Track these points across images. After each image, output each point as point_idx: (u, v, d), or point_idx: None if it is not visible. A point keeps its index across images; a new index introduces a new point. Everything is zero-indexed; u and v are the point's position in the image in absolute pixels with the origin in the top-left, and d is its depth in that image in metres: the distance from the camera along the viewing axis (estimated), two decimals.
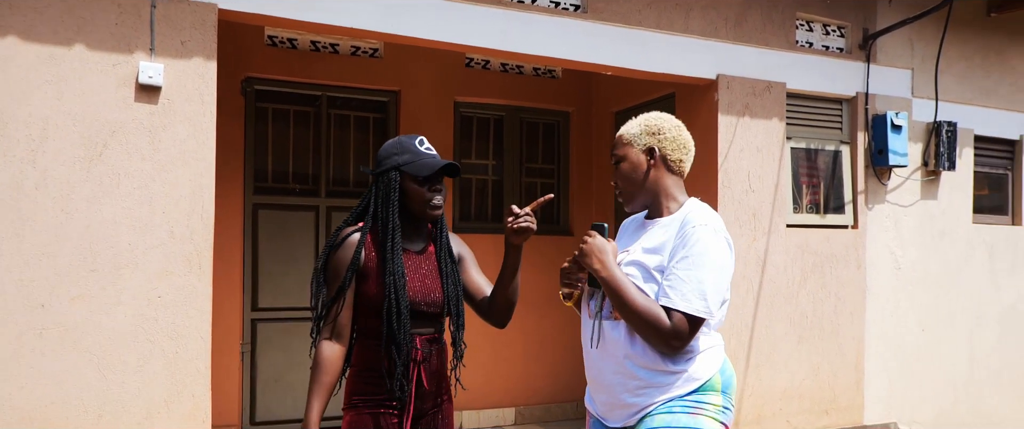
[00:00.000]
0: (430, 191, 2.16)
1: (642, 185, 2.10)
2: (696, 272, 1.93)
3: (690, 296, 1.92)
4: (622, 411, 2.03)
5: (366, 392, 2.13)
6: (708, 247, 1.95)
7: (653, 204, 2.13)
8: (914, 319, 5.35)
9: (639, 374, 1.98)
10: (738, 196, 4.73)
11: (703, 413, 1.98)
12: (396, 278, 2.09)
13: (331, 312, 2.11)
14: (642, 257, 2.03)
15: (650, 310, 1.93)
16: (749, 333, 4.77)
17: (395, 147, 2.19)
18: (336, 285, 2.11)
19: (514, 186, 5.91)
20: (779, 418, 4.87)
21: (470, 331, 5.98)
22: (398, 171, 2.15)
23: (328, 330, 2.12)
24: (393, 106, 5.50)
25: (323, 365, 2.08)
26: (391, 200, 2.14)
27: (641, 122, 2.14)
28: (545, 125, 6.06)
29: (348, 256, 2.11)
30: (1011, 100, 5.74)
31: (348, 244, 2.13)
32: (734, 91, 4.73)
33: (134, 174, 3.30)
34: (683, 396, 1.97)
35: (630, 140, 2.12)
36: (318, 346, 2.11)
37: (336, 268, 2.13)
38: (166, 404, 3.38)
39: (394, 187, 2.14)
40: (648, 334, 1.94)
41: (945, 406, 5.49)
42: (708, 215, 2.04)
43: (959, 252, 5.52)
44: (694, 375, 1.98)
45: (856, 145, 5.14)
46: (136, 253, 3.32)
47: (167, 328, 3.38)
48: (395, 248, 2.12)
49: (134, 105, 3.28)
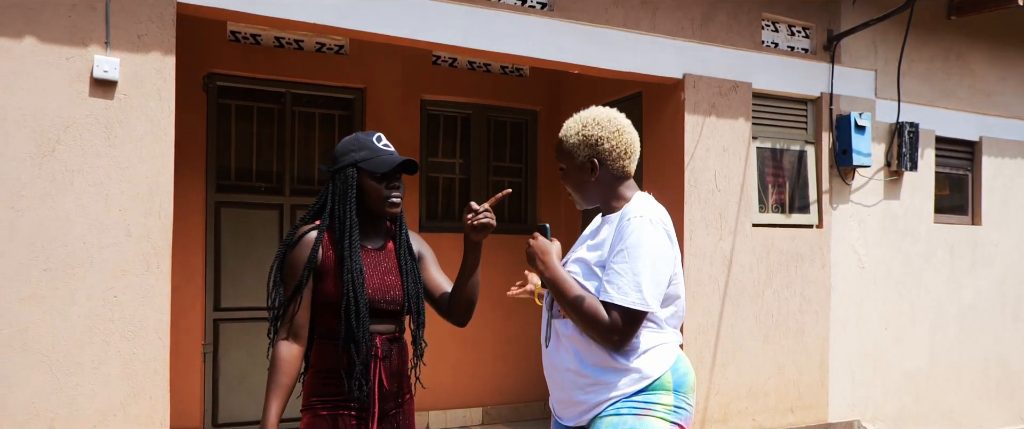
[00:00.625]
0: (388, 188, 2.13)
1: (587, 192, 2.12)
2: (631, 264, 1.91)
3: (626, 289, 1.90)
4: (574, 408, 2.03)
5: (324, 393, 2.09)
6: (642, 238, 1.93)
7: (603, 204, 2.13)
8: (877, 317, 5.42)
9: (587, 371, 1.98)
10: (704, 195, 4.75)
11: (651, 414, 1.94)
12: (354, 276, 2.06)
13: (288, 312, 2.07)
14: (585, 254, 2.05)
15: (591, 307, 1.93)
16: (715, 332, 4.79)
17: (352, 144, 2.16)
18: (293, 284, 2.08)
19: (481, 185, 5.88)
20: (745, 417, 4.90)
21: (436, 330, 5.94)
22: (355, 168, 2.12)
23: (285, 330, 2.08)
24: (359, 104, 5.44)
25: (280, 365, 2.04)
26: (348, 197, 2.10)
27: (578, 131, 2.08)
28: (513, 124, 6.04)
29: (305, 255, 2.08)
30: (970, 102, 5.84)
31: (305, 242, 2.09)
32: (700, 91, 4.75)
33: (89, 171, 3.21)
34: (630, 396, 1.95)
35: (569, 151, 2.09)
36: (275, 347, 2.07)
37: (293, 267, 2.09)
38: (123, 406, 3.30)
39: (351, 184, 2.11)
40: (590, 330, 1.94)
41: (907, 402, 5.57)
42: (646, 207, 2.01)
43: (921, 251, 5.61)
44: (644, 373, 1.96)
45: (821, 145, 5.19)
46: (91, 252, 3.23)
47: (123, 329, 3.29)
48: (353, 246, 2.08)
49: (89, 100, 3.20)
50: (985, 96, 5.91)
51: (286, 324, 2.07)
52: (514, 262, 5.79)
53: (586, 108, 2.15)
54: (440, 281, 2.32)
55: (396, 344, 2.17)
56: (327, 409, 2.07)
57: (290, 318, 2.07)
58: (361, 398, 2.07)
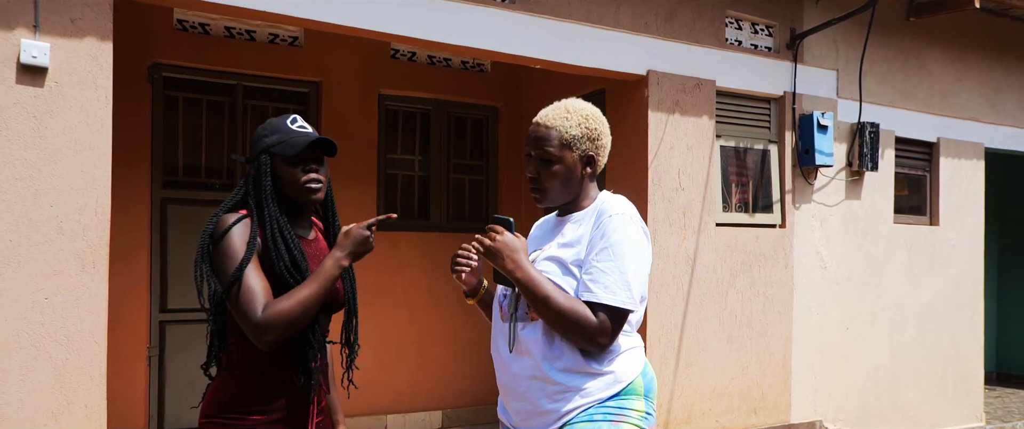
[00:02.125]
0: (304, 172, 1.93)
1: (569, 190, 1.96)
2: (617, 263, 1.81)
3: (614, 288, 1.80)
4: (540, 419, 1.88)
5: (248, 404, 1.85)
6: (626, 236, 1.83)
7: (572, 202, 2.00)
8: (839, 317, 5.41)
9: (558, 378, 1.85)
10: (668, 194, 4.68)
11: (625, 420, 1.85)
12: (293, 262, 1.85)
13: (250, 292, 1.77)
14: (558, 252, 1.90)
15: (573, 308, 1.80)
16: (679, 333, 4.72)
17: (264, 129, 1.97)
18: (234, 266, 1.79)
19: (441, 182, 5.74)
20: (709, 418, 4.84)
21: (394, 331, 5.79)
22: (268, 154, 1.92)
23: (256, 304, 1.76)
24: (314, 97, 5.26)
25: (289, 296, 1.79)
26: (263, 186, 1.90)
27: (581, 122, 1.93)
28: (473, 120, 5.91)
29: (244, 236, 1.83)
30: (928, 103, 5.88)
31: (239, 228, 1.85)
32: (664, 88, 4.67)
33: (15, 163, 2.99)
34: (604, 401, 1.84)
35: (569, 142, 1.92)
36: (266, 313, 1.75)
37: (232, 248, 1.82)
38: (54, 416, 3.09)
39: (265, 172, 1.91)
40: (572, 333, 1.81)
41: (867, 402, 5.58)
42: (624, 204, 1.92)
43: (881, 251, 5.62)
44: (618, 377, 1.86)
45: (784, 144, 5.16)
46: (19, 251, 3.01)
47: (55, 333, 3.08)
48: (283, 235, 1.87)
49: (15, 87, 2.98)
50: (942, 98, 5.95)
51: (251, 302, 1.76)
52: None
53: (564, 99, 2.01)
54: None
55: (328, 344, 2.03)
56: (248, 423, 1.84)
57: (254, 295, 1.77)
58: (305, 406, 1.90)
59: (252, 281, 1.78)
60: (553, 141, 1.91)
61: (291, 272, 1.85)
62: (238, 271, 1.78)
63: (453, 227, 5.73)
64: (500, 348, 1.96)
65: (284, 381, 1.88)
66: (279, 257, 1.84)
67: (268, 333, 1.76)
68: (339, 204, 5.84)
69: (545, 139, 1.92)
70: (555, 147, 1.91)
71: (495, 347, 1.99)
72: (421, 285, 5.54)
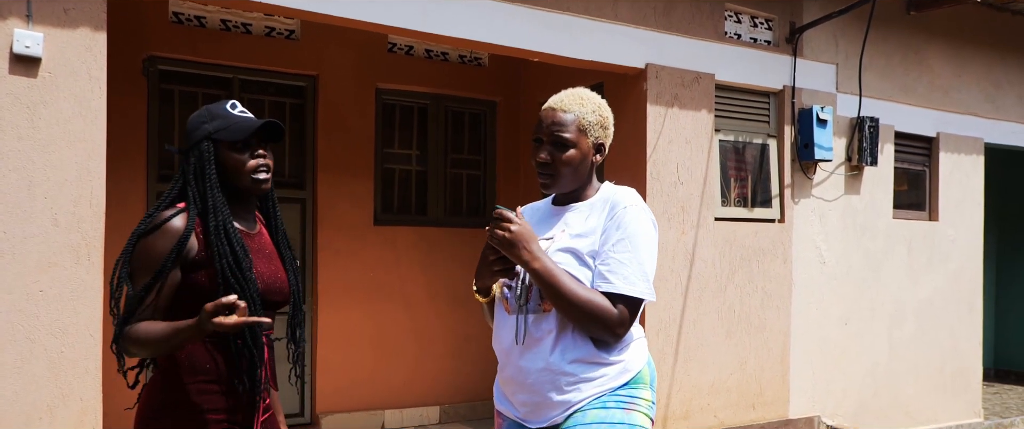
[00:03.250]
0: (251, 158, 1.84)
1: (580, 176, 1.94)
2: (635, 254, 1.82)
3: (634, 279, 1.80)
4: (549, 411, 1.87)
5: (187, 405, 1.75)
6: (642, 228, 1.85)
7: (576, 190, 1.98)
8: (837, 313, 5.39)
9: (570, 369, 1.83)
10: (667, 189, 4.66)
11: (636, 409, 1.86)
12: (238, 261, 1.76)
13: (141, 305, 1.71)
14: (572, 243, 1.88)
15: (593, 300, 1.79)
16: (677, 328, 4.70)
17: (203, 115, 1.86)
18: (148, 278, 1.72)
19: (438, 178, 5.71)
20: (707, 413, 4.83)
21: (392, 326, 5.75)
22: (210, 140, 1.82)
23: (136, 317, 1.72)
24: (311, 91, 5.23)
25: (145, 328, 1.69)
26: (207, 174, 1.79)
27: (595, 110, 1.93)
28: (471, 115, 5.88)
29: (168, 245, 1.73)
30: (928, 98, 5.86)
31: (168, 230, 1.75)
32: (663, 81, 4.65)
33: (9, 154, 2.96)
34: (615, 390, 1.84)
35: (586, 128, 1.91)
36: (130, 328, 1.69)
37: (150, 257, 1.73)
38: (49, 409, 3.06)
39: (208, 159, 1.80)
40: (591, 325, 1.80)
41: (866, 398, 5.57)
42: (635, 196, 1.93)
43: (880, 247, 5.60)
44: (628, 366, 1.87)
45: (783, 139, 5.14)
46: (13, 242, 2.99)
47: (50, 325, 3.05)
48: (225, 228, 1.77)
49: (8, 77, 2.95)
50: (942, 93, 5.93)
51: (138, 319, 1.71)
52: (471, 257, 5.60)
53: (572, 88, 1.99)
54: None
55: (271, 340, 1.91)
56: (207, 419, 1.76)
57: (144, 313, 1.71)
58: (252, 405, 1.80)
59: (152, 296, 1.72)
60: (570, 126, 1.89)
61: (233, 271, 1.75)
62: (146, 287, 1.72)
63: (451, 222, 5.71)
64: (505, 341, 1.93)
65: (224, 381, 1.78)
66: (222, 255, 1.75)
67: (119, 342, 1.73)
68: (337, 199, 5.82)
69: (561, 123, 1.89)
70: (572, 132, 1.89)
71: (499, 340, 1.96)
72: (418, 280, 5.51)
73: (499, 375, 1.99)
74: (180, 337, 1.65)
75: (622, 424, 1.81)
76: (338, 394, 5.24)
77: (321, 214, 5.17)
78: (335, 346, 5.21)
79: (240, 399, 1.80)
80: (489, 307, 2.03)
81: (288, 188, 5.17)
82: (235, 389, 1.78)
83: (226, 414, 1.78)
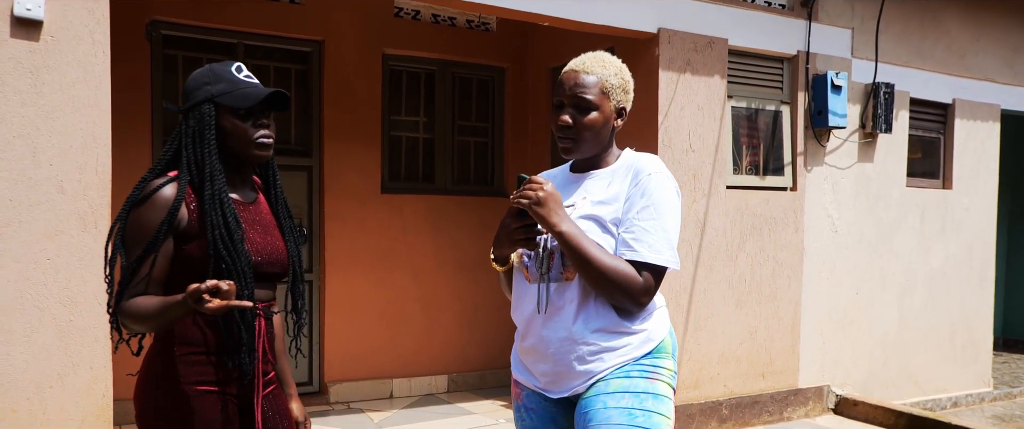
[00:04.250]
0: (255, 127, 1.77)
1: (601, 140, 1.89)
2: (661, 222, 1.78)
3: (659, 247, 1.77)
4: (571, 381, 1.83)
5: (185, 374, 1.71)
6: (667, 195, 1.81)
7: (596, 156, 1.93)
8: (848, 282, 5.35)
9: (593, 339, 1.79)
10: (678, 156, 4.59)
11: (659, 378, 1.82)
12: (230, 232, 1.70)
13: (134, 279, 1.67)
14: (594, 210, 1.83)
15: (618, 267, 1.75)
16: (688, 297, 4.67)
17: (207, 76, 1.78)
18: (140, 250, 1.67)
19: (446, 145, 5.65)
20: (716, 383, 4.81)
21: (401, 295, 5.73)
22: (212, 103, 1.74)
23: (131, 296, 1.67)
24: (316, 57, 5.15)
25: (141, 303, 1.64)
26: (206, 139, 1.72)
27: (618, 72, 1.88)
28: (479, 81, 5.80)
29: (159, 215, 1.68)
30: (945, 63, 5.76)
31: (158, 200, 1.68)
32: (675, 46, 4.56)
33: (13, 120, 2.91)
34: (639, 359, 1.81)
35: (609, 90, 1.86)
36: (126, 304, 1.65)
37: (142, 228, 1.68)
38: (60, 378, 3.05)
39: (209, 123, 1.73)
40: (615, 293, 1.76)
41: (875, 367, 5.55)
42: (659, 163, 1.88)
43: (892, 215, 5.54)
44: (650, 335, 1.83)
45: (796, 105, 5.05)
46: (19, 210, 2.95)
47: (58, 293, 3.03)
48: (220, 197, 1.71)
49: (10, 41, 2.88)
50: (959, 58, 5.82)
51: (132, 293, 1.67)
52: (478, 226, 5.60)
53: (592, 52, 1.93)
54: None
55: (271, 312, 1.86)
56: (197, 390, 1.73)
57: (138, 287, 1.67)
58: (243, 378, 1.76)
59: (145, 269, 1.67)
60: (593, 88, 1.84)
61: (225, 242, 1.70)
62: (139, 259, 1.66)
63: (458, 190, 5.66)
64: (526, 310, 1.88)
65: (215, 353, 1.74)
66: (214, 226, 1.69)
67: (115, 316, 1.69)
68: (343, 167, 5.77)
69: (584, 86, 1.84)
70: (595, 94, 1.84)
71: (519, 310, 1.92)
72: (426, 249, 5.48)
73: (519, 345, 1.95)
74: (170, 314, 1.60)
75: (646, 393, 1.78)
76: (346, 363, 5.23)
77: (328, 182, 5.12)
78: (343, 315, 5.20)
79: (233, 372, 1.76)
80: (506, 277, 1.98)
81: (294, 156, 5.11)
82: (239, 365, 1.75)
83: (218, 386, 1.74)
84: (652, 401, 1.78)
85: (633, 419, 1.75)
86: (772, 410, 4.99)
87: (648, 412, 1.77)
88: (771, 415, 4.98)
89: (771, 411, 4.98)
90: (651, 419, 1.76)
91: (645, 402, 1.77)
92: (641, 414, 1.76)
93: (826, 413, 5.24)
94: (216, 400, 1.73)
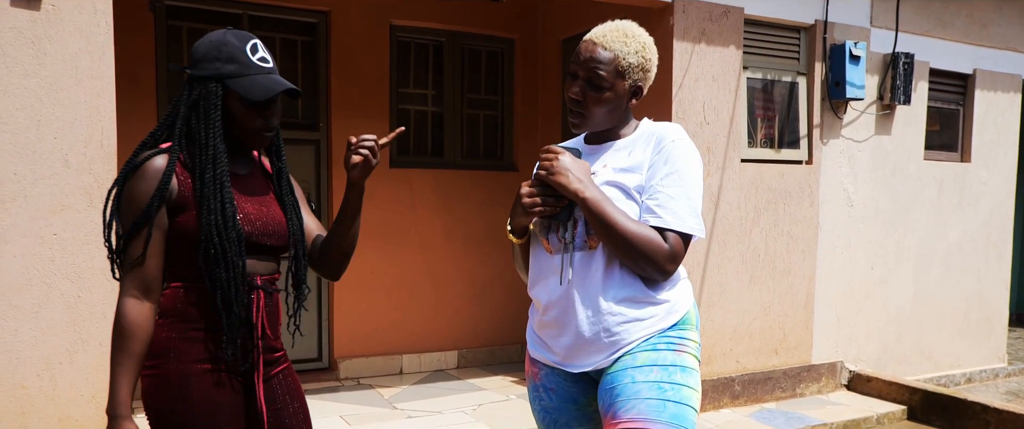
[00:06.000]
0: (261, 117, 1.72)
1: (613, 117, 1.83)
2: (684, 188, 1.73)
3: (684, 214, 1.72)
4: (595, 354, 1.77)
5: (184, 351, 1.66)
6: (690, 162, 1.76)
7: (611, 129, 1.87)
8: (863, 256, 5.28)
9: (619, 309, 1.74)
10: (692, 129, 4.50)
11: (686, 351, 1.77)
12: (223, 218, 1.65)
13: (130, 254, 1.62)
14: (617, 177, 1.77)
15: (644, 234, 1.70)
16: (701, 272, 4.60)
17: (218, 49, 1.68)
18: (131, 222, 1.63)
19: (455, 118, 5.56)
20: (729, 359, 4.77)
21: (411, 272, 5.67)
22: (221, 84, 1.67)
23: (132, 283, 1.62)
24: (323, 29, 5.05)
25: (129, 329, 1.60)
26: (212, 119, 1.66)
27: (639, 50, 1.79)
28: (488, 53, 5.69)
29: (151, 187, 1.62)
30: (966, 32, 5.61)
31: (149, 171, 1.63)
32: (690, 15, 4.45)
33: (15, 92, 2.85)
34: (664, 331, 1.75)
35: (624, 70, 1.78)
36: (121, 304, 1.62)
37: (135, 201, 1.63)
38: (69, 354, 3.01)
39: (214, 103, 1.66)
40: (641, 260, 1.70)
41: (889, 342, 5.49)
42: (681, 130, 1.82)
43: (909, 189, 5.45)
44: (675, 306, 1.78)
45: (813, 76, 4.94)
46: (24, 184, 2.89)
47: (66, 269, 2.98)
48: (220, 179, 1.66)
49: (10, 10, 2.81)
50: (981, 26, 5.68)
51: (132, 275, 1.63)
52: (487, 201, 5.53)
53: (618, 21, 1.84)
54: (311, 226, 1.92)
55: (275, 287, 1.79)
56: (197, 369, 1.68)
57: (137, 264, 1.62)
58: (240, 358, 1.70)
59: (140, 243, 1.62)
60: (608, 65, 1.77)
61: (219, 228, 1.64)
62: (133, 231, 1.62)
63: (467, 165, 5.58)
64: (548, 282, 1.82)
65: (212, 330, 1.69)
66: (210, 210, 1.64)
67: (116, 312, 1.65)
68: None
69: (599, 61, 1.77)
70: (609, 73, 1.77)
71: (540, 284, 1.85)
72: (435, 224, 5.42)
73: (537, 319, 1.88)
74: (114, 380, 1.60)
75: (674, 366, 1.73)
76: (356, 339, 5.21)
77: (335, 157, 5.05)
78: (352, 290, 5.15)
79: (234, 349, 1.69)
80: (522, 250, 1.92)
81: (301, 130, 5.04)
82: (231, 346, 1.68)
83: (217, 364, 1.68)
84: (681, 374, 1.73)
85: (663, 393, 1.70)
86: (785, 386, 4.94)
87: (678, 386, 1.71)
88: (784, 391, 4.94)
89: (784, 387, 4.94)
90: (681, 393, 1.71)
91: (674, 375, 1.72)
92: (671, 388, 1.70)
93: (839, 389, 5.20)
94: (216, 378, 1.68)
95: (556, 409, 1.88)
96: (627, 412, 1.69)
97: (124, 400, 1.59)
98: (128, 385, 1.60)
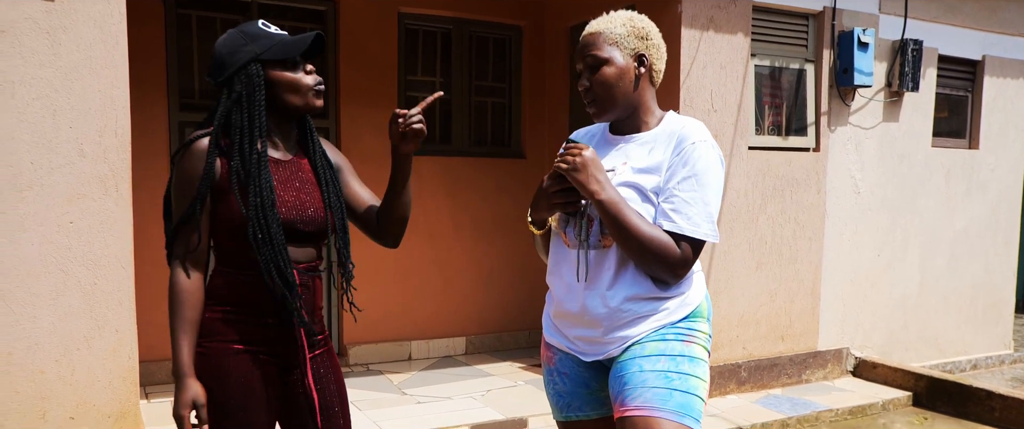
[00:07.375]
0: (307, 73, 1.77)
1: (625, 95, 1.82)
2: (701, 193, 1.73)
3: (699, 220, 1.72)
4: (606, 346, 1.81)
5: (229, 331, 1.73)
6: (710, 166, 1.75)
7: (628, 118, 1.86)
8: (870, 244, 5.30)
9: (630, 307, 1.77)
10: (700, 116, 4.51)
11: (695, 342, 1.80)
12: (261, 208, 1.70)
13: (180, 234, 1.72)
14: (635, 177, 1.78)
15: (657, 238, 1.71)
16: (708, 259, 4.63)
17: (239, 38, 1.74)
18: (187, 202, 1.71)
19: (463, 105, 5.58)
20: (736, 345, 4.80)
21: (419, 259, 5.71)
22: (258, 63, 1.72)
23: (182, 254, 1.72)
24: (331, 17, 5.07)
25: (183, 297, 1.70)
26: (257, 100, 1.71)
27: (625, 22, 1.81)
28: (495, 40, 5.70)
29: (199, 167, 1.70)
30: (975, 18, 5.59)
31: (196, 151, 1.71)
32: (698, 3, 4.45)
33: (32, 82, 2.88)
34: (675, 323, 1.78)
35: (616, 41, 1.80)
36: (173, 275, 1.72)
37: (186, 181, 1.71)
38: (86, 340, 3.06)
39: (258, 83, 1.71)
40: (653, 264, 1.73)
41: (895, 330, 5.52)
42: (704, 130, 1.81)
43: (917, 176, 5.46)
44: (687, 299, 1.80)
45: (821, 63, 4.94)
46: (41, 173, 2.93)
47: (82, 257, 3.03)
48: (262, 161, 1.71)
49: (26, 1, 2.84)
50: (991, 12, 5.65)
51: (182, 246, 1.72)
52: (494, 188, 5.56)
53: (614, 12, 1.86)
54: (364, 197, 1.96)
55: (314, 273, 1.83)
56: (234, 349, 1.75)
57: (185, 239, 1.72)
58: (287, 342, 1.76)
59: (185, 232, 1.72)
60: (599, 44, 1.81)
61: (258, 214, 1.69)
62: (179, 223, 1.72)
63: (475, 152, 5.61)
64: (566, 276, 1.85)
65: (252, 313, 1.75)
66: (256, 191, 1.70)
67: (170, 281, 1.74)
68: (360, 129, 5.72)
69: (589, 44, 1.82)
70: (602, 48, 1.80)
71: (557, 275, 1.89)
72: (443, 212, 5.46)
73: (553, 308, 1.92)
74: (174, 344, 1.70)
75: (681, 356, 1.76)
76: (364, 325, 5.25)
77: (344, 145, 5.08)
78: (360, 277, 5.13)
79: (275, 333, 1.75)
80: (543, 240, 1.96)
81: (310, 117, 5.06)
82: (268, 322, 1.75)
83: (255, 345, 1.74)
84: (688, 364, 1.76)
85: (669, 382, 1.73)
86: (791, 372, 4.98)
87: (684, 375, 1.74)
88: (790, 377, 4.97)
89: (790, 373, 4.98)
90: (687, 382, 1.74)
91: (681, 365, 1.75)
92: (677, 377, 1.74)
93: (845, 376, 5.23)
94: (252, 360, 1.74)
95: (569, 393, 1.92)
96: (634, 400, 1.72)
97: (186, 361, 1.68)
98: (188, 347, 1.69)
